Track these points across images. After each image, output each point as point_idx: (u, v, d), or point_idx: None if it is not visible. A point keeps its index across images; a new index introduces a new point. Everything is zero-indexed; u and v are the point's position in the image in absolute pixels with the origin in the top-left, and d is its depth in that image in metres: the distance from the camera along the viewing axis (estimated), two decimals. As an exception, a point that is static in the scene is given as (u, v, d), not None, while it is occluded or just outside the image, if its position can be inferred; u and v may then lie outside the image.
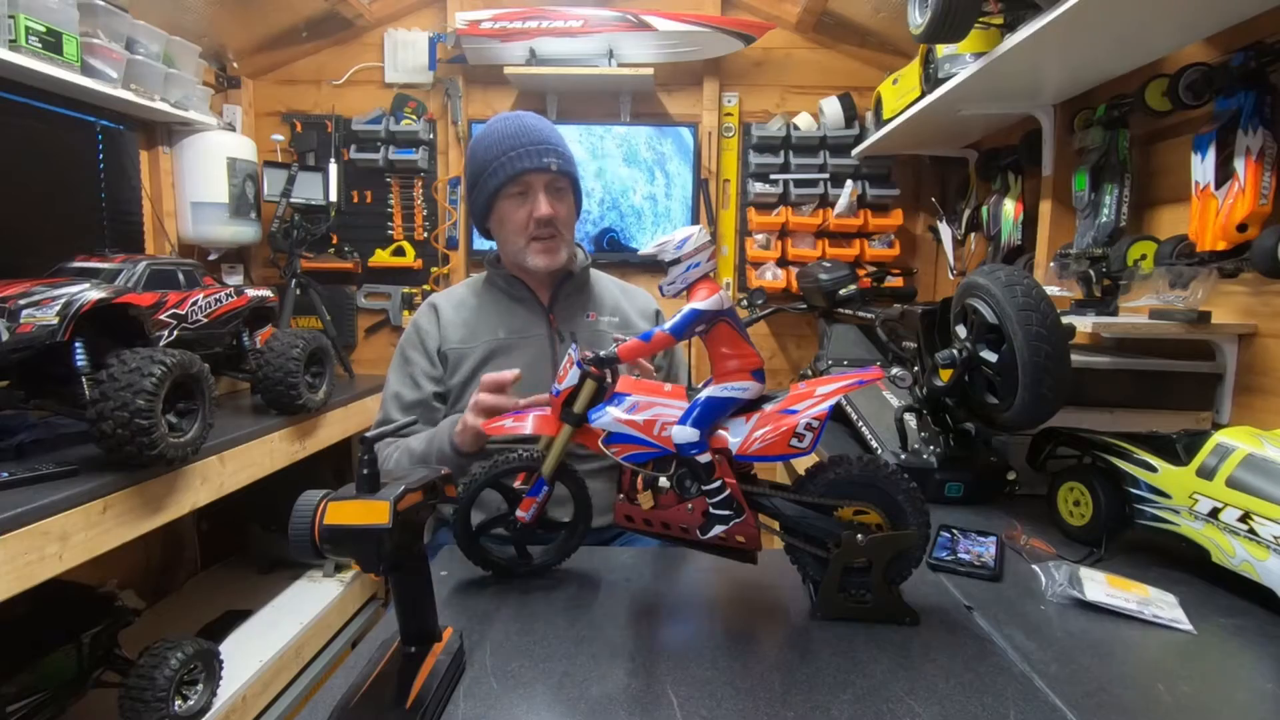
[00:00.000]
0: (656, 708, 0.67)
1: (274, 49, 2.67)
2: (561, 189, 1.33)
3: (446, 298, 1.42)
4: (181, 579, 2.42)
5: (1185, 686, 0.72)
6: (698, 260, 0.83)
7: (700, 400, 0.83)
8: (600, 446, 0.87)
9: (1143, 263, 1.47)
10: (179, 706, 1.53)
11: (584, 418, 0.87)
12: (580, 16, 2.52)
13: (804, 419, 0.80)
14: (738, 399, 0.83)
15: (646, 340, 0.85)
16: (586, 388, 0.87)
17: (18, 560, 1.10)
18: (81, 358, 1.27)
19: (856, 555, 0.83)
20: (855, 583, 0.85)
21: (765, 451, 0.82)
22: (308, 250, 2.59)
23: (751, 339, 0.86)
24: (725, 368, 0.84)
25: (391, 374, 1.39)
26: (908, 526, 0.83)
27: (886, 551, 0.82)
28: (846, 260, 2.58)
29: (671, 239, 0.83)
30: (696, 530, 0.86)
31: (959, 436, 1.25)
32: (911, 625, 0.83)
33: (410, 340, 1.40)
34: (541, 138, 1.29)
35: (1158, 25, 1.31)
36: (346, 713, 0.64)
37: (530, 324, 1.37)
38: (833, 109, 2.64)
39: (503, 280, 1.40)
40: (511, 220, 1.32)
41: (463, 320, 1.38)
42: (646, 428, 0.84)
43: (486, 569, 0.96)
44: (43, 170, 1.90)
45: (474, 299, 1.41)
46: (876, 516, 0.84)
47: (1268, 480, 0.88)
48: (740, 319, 0.86)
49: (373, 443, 0.66)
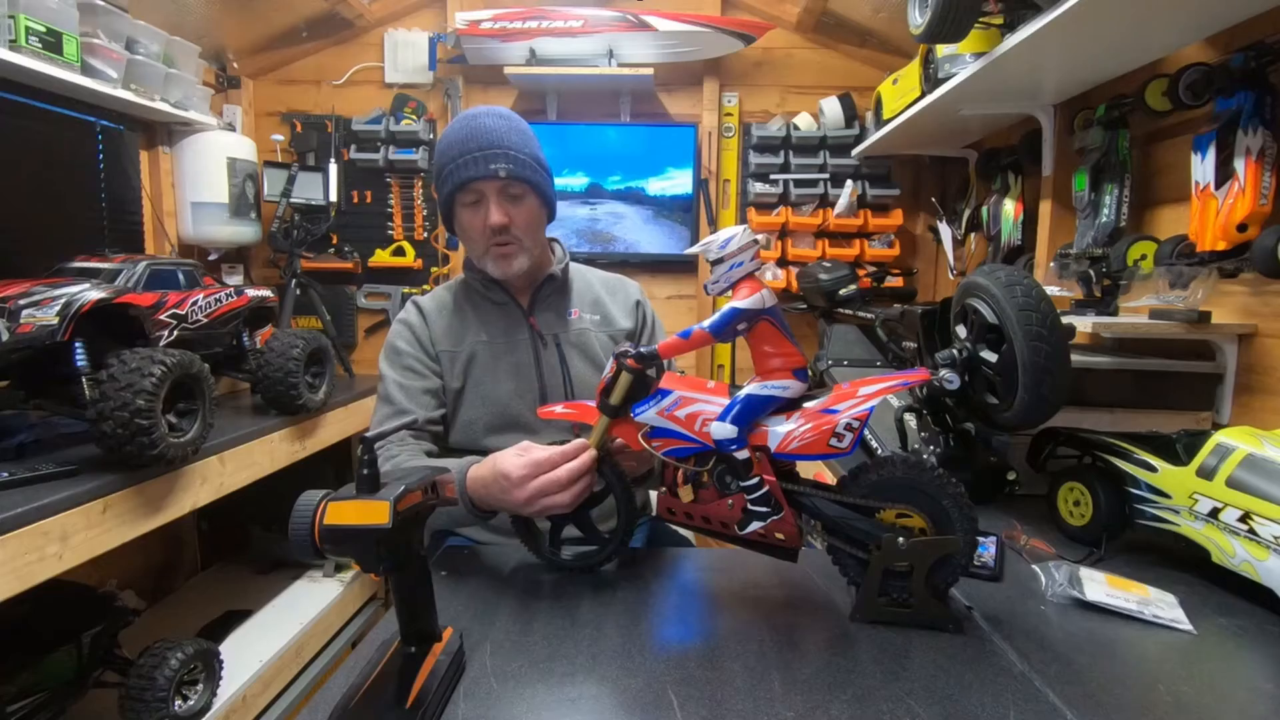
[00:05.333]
0: (656, 708, 0.67)
1: (274, 49, 2.67)
2: (518, 194, 1.25)
3: (430, 299, 1.38)
4: (181, 579, 2.43)
5: (1185, 686, 0.72)
6: (741, 260, 0.83)
7: (740, 397, 0.83)
8: (641, 442, 0.88)
9: (1143, 263, 1.47)
10: (179, 706, 1.53)
11: (620, 409, 0.89)
12: (580, 16, 2.52)
13: (844, 418, 0.80)
14: (778, 397, 0.83)
15: (685, 338, 0.86)
16: (621, 380, 0.88)
17: (18, 560, 1.10)
18: (81, 358, 1.28)
19: (897, 559, 0.82)
20: (896, 587, 0.84)
21: (804, 450, 0.81)
22: (308, 250, 2.59)
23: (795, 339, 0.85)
24: (767, 366, 0.84)
25: (386, 369, 1.32)
26: (952, 532, 0.81)
27: (928, 556, 0.81)
28: (846, 260, 2.58)
29: (715, 238, 0.83)
30: (735, 526, 0.87)
31: (959, 436, 1.25)
32: (955, 633, 0.81)
33: (400, 334, 1.34)
34: (492, 142, 1.21)
35: (1158, 25, 1.31)
36: (346, 713, 0.64)
37: (511, 328, 1.33)
38: (833, 109, 2.64)
39: (480, 284, 1.35)
40: (469, 227, 1.27)
41: (446, 323, 1.33)
42: (688, 423, 0.85)
43: (528, 546, 0.99)
44: (43, 170, 1.90)
45: (454, 302, 1.36)
46: (920, 520, 0.83)
47: (1268, 480, 0.87)
48: (784, 318, 0.85)
49: (373, 443, 0.66)
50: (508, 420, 1.28)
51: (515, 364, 1.31)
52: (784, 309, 0.92)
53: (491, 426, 1.28)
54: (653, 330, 1.44)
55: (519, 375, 1.30)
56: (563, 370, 1.32)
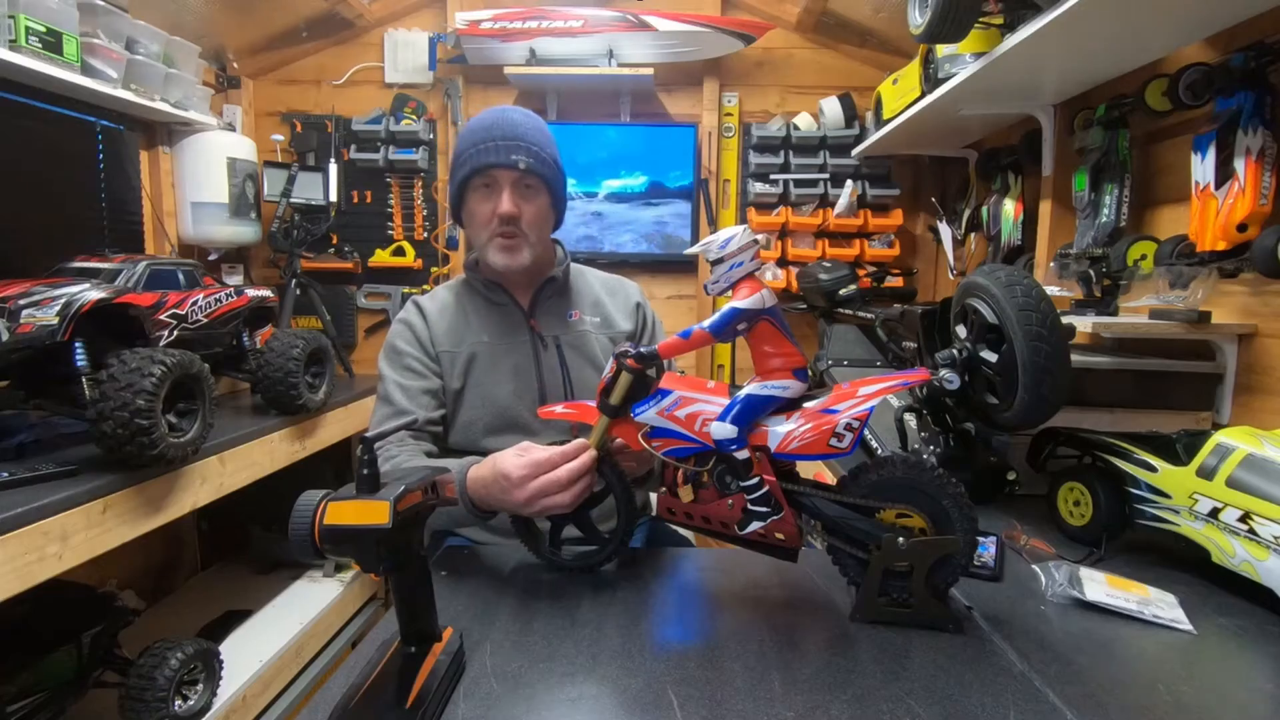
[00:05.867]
0: (656, 708, 0.67)
1: (274, 49, 2.67)
2: (531, 187, 1.26)
3: (430, 299, 1.37)
4: (181, 579, 2.43)
5: (1185, 686, 0.72)
6: (741, 260, 0.82)
7: (740, 398, 0.83)
8: (641, 443, 0.88)
9: (1143, 263, 1.48)
10: (179, 706, 1.53)
11: (620, 409, 0.89)
12: (580, 16, 2.52)
13: (844, 418, 0.79)
14: (777, 397, 0.83)
15: (685, 338, 0.86)
16: (621, 379, 0.88)
17: (18, 560, 1.10)
18: (81, 358, 1.28)
19: (897, 559, 0.82)
20: (896, 587, 0.84)
21: (804, 450, 0.81)
22: (308, 250, 2.59)
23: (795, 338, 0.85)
24: (767, 366, 0.84)
25: (386, 369, 1.31)
26: (952, 532, 0.81)
27: (928, 556, 0.81)
28: (846, 260, 2.58)
29: (715, 239, 0.83)
30: (735, 526, 0.87)
31: (959, 436, 1.25)
32: (955, 633, 0.81)
33: (400, 334, 1.33)
34: (515, 134, 1.23)
35: (1158, 25, 1.31)
36: (346, 713, 0.64)
37: (512, 329, 1.33)
38: (833, 109, 2.64)
39: (481, 285, 1.35)
40: (477, 214, 1.27)
41: (447, 323, 1.33)
42: (688, 423, 0.85)
43: (528, 546, 1.00)
44: (43, 170, 1.90)
45: (455, 302, 1.36)
46: (920, 520, 0.83)
47: (1268, 480, 0.88)
48: (784, 318, 0.85)
49: (373, 443, 0.66)
50: (507, 421, 1.28)
51: (515, 365, 1.30)
52: (784, 309, 0.92)
53: (491, 427, 1.28)
54: (653, 331, 1.44)
55: (519, 376, 1.30)
56: (563, 372, 1.32)
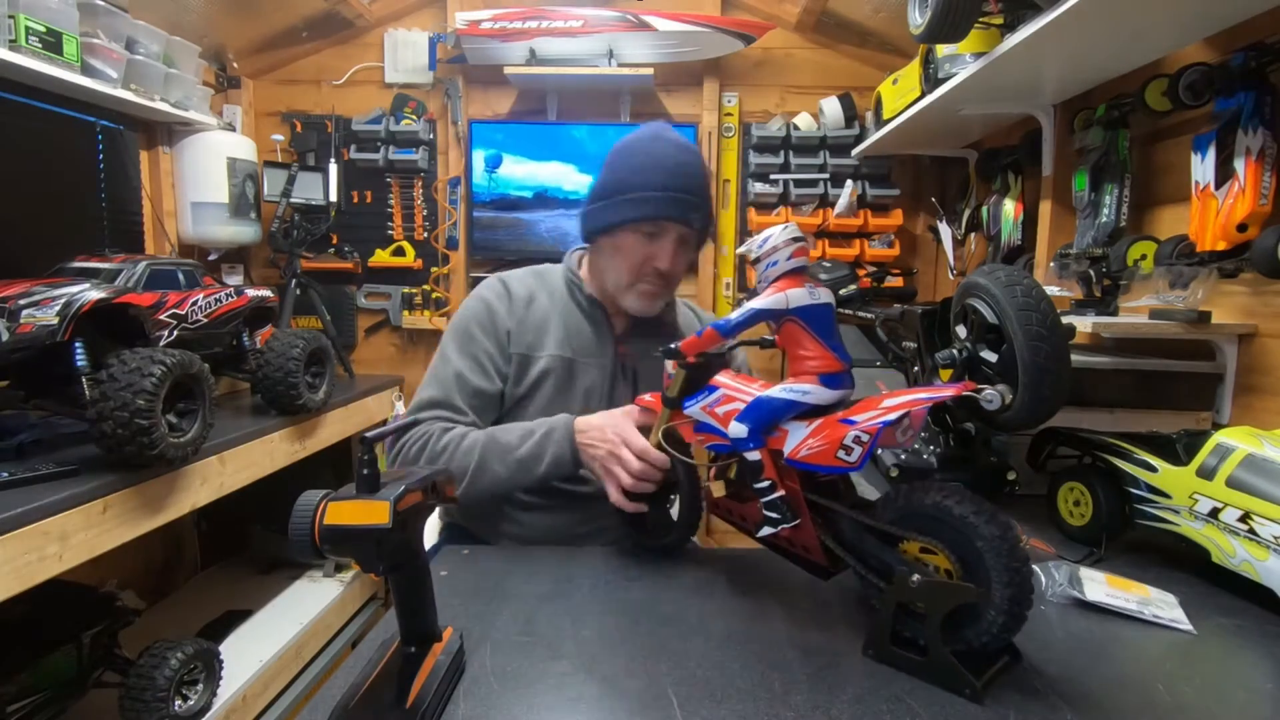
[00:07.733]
0: (656, 708, 0.67)
1: (274, 49, 2.67)
2: (688, 243, 1.24)
3: (519, 284, 1.27)
4: (181, 579, 2.43)
5: (1185, 687, 0.72)
6: (775, 259, 0.82)
7: (754, 398, 0.82)
8: (693, 435, 0.93)
9: (1143, 263, 1.47)
10: (179, 706, 1.53)
11: (677, 402, 0.94)
12: (580, 16, 2.52)
13: (855, 431, 0.73)
14: (795, 402, 0.79)
15: (699, 335, 0.88)
16: (676, 375, 0.93)
17: (18, 560, 1.10)
18: (81, 358, 1.27)
19: (907, 597, 0.72)
20: (916, 629, 0.73)
21: (813, 459, 0.76)
22: (308, 250, 2.59)
23: (839, 341, 0.82)
24: (797, 369, 0.82)
25: (451, 351, 1.21)
26: (983, 582, 0.69)
27: (941, 603, 0.70)
28: (846, 260, 2.58)
29: (756, 238, 0.83)
30: (753, 527, 0.88)
31: (959, 436, 1.24)
32: (972, 700, 0.67)
33: (477, 316, 1.23)
34: (697, 188, 1.19)
35: (1158, 25, 1.31)
36: (346, 713, 0.64)
37: (598, 348, 1.27)
38: (833, 109, 2.64)
39: (584, 297, 1.28)
40: (629, 254, 1.20)
41: (534, 321, 1.25)
42: (724, 420, 0.85)
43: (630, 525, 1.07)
44: (43, 170, 1.90)
45: (547, 301, 1.27)
46: (944, 560, 0.72)
47: (1268, 480, 0.88)
48: (821, 318, 0.81)
49: (373, 443, 0.66)
50: None
51: (588, 388, 1.25)
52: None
53: None
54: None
55: (588, 400, 1.25)
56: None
